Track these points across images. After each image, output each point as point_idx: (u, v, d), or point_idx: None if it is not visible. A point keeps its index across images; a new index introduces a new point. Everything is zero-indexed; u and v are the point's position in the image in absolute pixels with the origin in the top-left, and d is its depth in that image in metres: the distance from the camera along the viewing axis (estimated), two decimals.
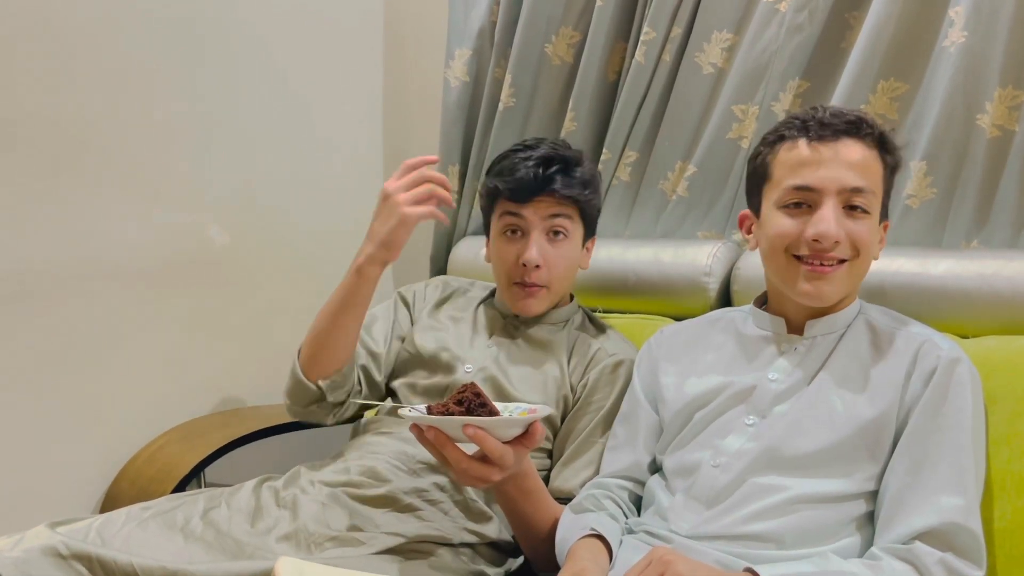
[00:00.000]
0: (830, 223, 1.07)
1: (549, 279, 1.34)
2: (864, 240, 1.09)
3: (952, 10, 1.38)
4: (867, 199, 1.09)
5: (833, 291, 1.11)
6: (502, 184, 1.35)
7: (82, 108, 1.46)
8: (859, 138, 1.10)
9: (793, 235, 1.10)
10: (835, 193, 1.08)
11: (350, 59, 1.99)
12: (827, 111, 1.12)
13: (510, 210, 1.35)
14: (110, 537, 1.09)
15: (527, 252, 1.32)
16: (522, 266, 1.33)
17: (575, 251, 1.38)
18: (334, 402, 1.34)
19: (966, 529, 0.97)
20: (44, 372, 1.45)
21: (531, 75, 1.82)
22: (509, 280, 1.36)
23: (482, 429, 0.97)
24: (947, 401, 1.03)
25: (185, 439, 1.58)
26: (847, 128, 1.10)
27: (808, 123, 1.11)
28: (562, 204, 1.34)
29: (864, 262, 1.12)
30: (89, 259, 1.49)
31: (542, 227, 1.34)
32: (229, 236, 1.73)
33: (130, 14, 1.52)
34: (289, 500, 1.22)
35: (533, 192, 1.32)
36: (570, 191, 1.33)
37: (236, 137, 1.73)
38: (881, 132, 1.12)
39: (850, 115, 1.11)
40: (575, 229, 1.37)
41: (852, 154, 1.09)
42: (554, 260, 1.34)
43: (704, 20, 1.62)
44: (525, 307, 1.36)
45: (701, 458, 1.11)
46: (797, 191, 1.10)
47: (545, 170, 1.32)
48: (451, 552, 1.20)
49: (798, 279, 1.11)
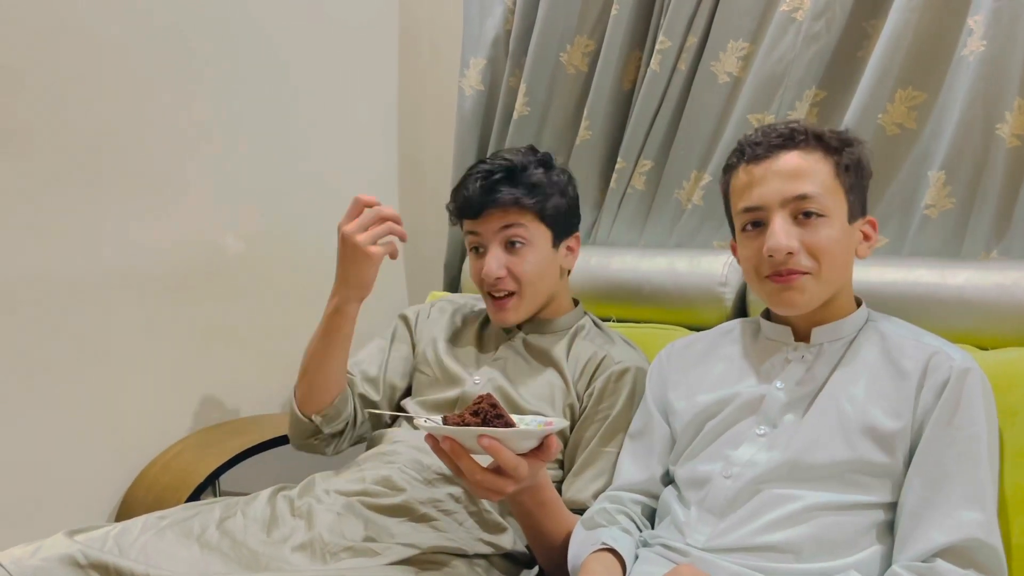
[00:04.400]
0: (779, 236, 1.08)
1: (516, 286, 1.37)
2: (822, 246, 1.09)
3: (971, 19, 1.38)
4: (818, 203, 1.08)
5: (803, 298, 1.10)
6: (452, 205, 1.42)
7: (97, 117, 1.47)
8: (794, 148, 1.11)
9: (755, 257, 1.13)
10: (779, 205, 1.09)
11: (365, 68, 2.00)
12: (760, 131, 1.15)
13: (469, 229, 1.40)
14: (127, 546, 1.10)
15: (487, 267, 1.36)
16: (484, 279, 1.37)
17: (541, 255, 1.38)
18: (330, 433, 1.39)
19: (987, 545, 0.96)
20: (60, 380, 1.46)
21: (546, 84, 1.82)
22: (483, 292, 1.41)
23: (497, 440, 0.97)
24: (959, 412, 1.02)
25: (200, 447, 1.59)
26: (779, 142, 1.12)
27: (744, 148, 1.15)
28: (511, 213, 1.35)
29: (832, 269, 1.10)
30: (105, 267, 1.50)
31: (497, 240, 1.36)
32: (244, 244, 1.74)
33: (145, 23, 1.53)
34: (304, 509, 1.22)
35: (480, 207, 1.36)
36: (514, 195, 1.34)
37: (251, 146, 1.74)
38: (817, 133, 1.12)
39: (782, 128, 1.13)
40: (535, 235, 1.37)
41: (790, 164, 1.10)
42: (517, 267, 1.36)
43: (720, 29, 1.61)
44: (500, 319, 1.40)
45: (713, 470, 1.11)
46: (747, 212, 1.13)
47: (485, 183, 1.35)
48: (466, 564, 1.20)
49: (769, 295, 1.13)
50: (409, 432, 1.36)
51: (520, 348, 1.41)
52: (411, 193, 2.12)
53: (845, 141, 1.13)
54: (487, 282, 1.37)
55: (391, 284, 2.08)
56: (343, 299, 1.31)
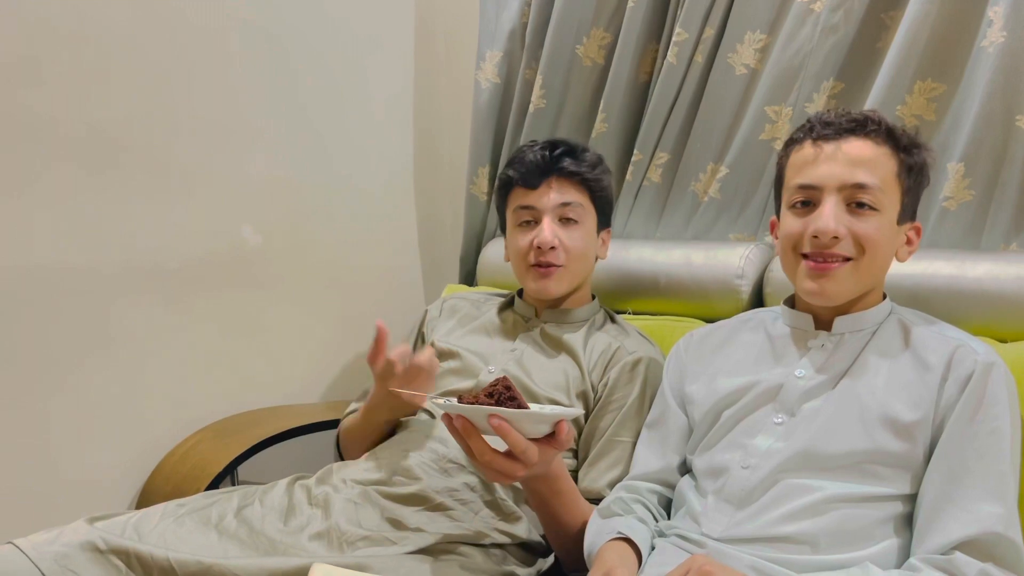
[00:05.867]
0: (828, 219, 1.07)
1: (566, 259, 1.39)
2: (870, 238, 1.08)
3: (991, 10, 1.36)
4: (873, 196, 1.07)
5: (838, 290, 1.10)
6: (513, 172, 1.43)
7: (117, 111, 1.49)
8: (864, 136, 1.09)
9: (798, 233, 1.11)
10: (836, 189, 1.08)
11: (381, 61, 2.01)
12: (833, 111, 1.13)
13: (522, 203, 1.41)
14: (146, 532, 1.11)
15: (541, 235, 1.37)
16: (537, 249, 1.37)
17: (589, 237, 1.42)
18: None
19: (1006, 539, 0.95)
20: (81, 371, 1.48)
21: (562, 77, 1.82)
22: (526, 265, 1.41)
23: (506, 421, 0.97)
24: (983, 407, 1.01)
25: (218, 437, 1.60)
26: (851, 127, 1.09)
27: (813, 125, 1.12)
28: (571, 188, 1.39)
29: (873, 261, 1.09)
30: (125, 260, 1.52)
31: (553, 214, 1.39)
32: (262, 237, 1.75)
33: (164, 18, 1.54)
34: (321, 498, 1.23)
35: (543, 173, 1.39)
36: (578, 169, 1.39)
37: (269, 139, 1.75)
38: (890, 127, 1.10)
39: (857, 114, 1.11)
40: (587, 216, 1.41)
41: (855, 151, 1.08)
42: (568, 241, 1.39)
43: (737, 21, 1.61)
44: (544, 288, 1.40)
45: (731, 459, 1.10)
46: (801, 190, 1.11)
47: (552, 152, 1.40)
48: (482, 552, 1.20)
49: (803, 276, 1.11)
50: (426, 421, 1.37)
51: (538, 337, 1.42)
52: (427, 186, 2.12)
53: (915, 143, 1.12)
54: (542, 250, 1.38)
55: (407, 277, 2.09)
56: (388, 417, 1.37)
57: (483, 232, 1.99)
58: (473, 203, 1.97)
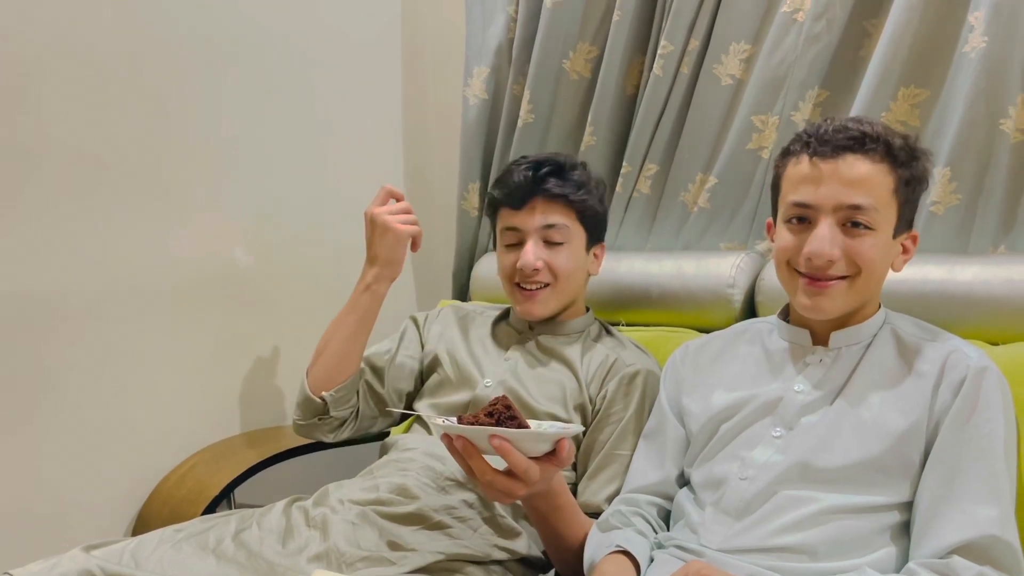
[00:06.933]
0: (823, 242, 1.07)
1: (551, 277, 1.38)
2: (865, 257, 1.08)
3: (972, 15, 1.38)
4: (869, 216, 1.07)
5: (833, 306, 1.10)
6: (498, 192, 1.42)
7: (106, 132, 1.49)
8: (862, 153, 1.07)
9: (793, 250, 1.11)
10: (831, 211, 1.07)
11: (369, 78, 2.01)
12: (832, 125, 1.10)
13: (507, 224, 1.41)
14: (144, 559, 1.10)
15: (524, 258, 1.36)
16: (520, 271, 1.37)
17: (577, 256, 1.40)
18: (336, 417, 1.41)
19: (1003, 541, 0.96)
20: (75, 395, 1.47)
21: (549, 91, 1.83)
22: (512, 285, 1.41)
23: (507, 441, 0.97)
24: (977, 411, 1.02)
25: (215, 460, 1.59)
26: (849, 144, 1.07)
27: (811, 138, 1.10)
28: (556, 209, 1.37)
29: (868, 278, 1.10)
30: (116, 281, 1.51)
31: (537, 236, 1.38)
32: (253, 257, 1.75)
33: (152, 38, 1.55)
34: (319, 520, 1.23)
35: (527, 194, 1.37)
36: (562, 191, 1.37)
37: (258, 158, 1.75)
38: (888, 143, 1.08)
39: (854, 130, 1.08)
40: (573, 236, 1.39)
41: (852, 171, 1.07)
42: (553, 261, 1.38)
43: (721, 32, 1.62)
44: (528, 311, 1.40)
45: (729, 471, 1.11)
46: (796, 207, 1.11)
47: (536, 173, 1.37)
48: (482, 570, 1.20)
49: (798, 292, 1.12)
50: (422, 439, 1.37)
51: (533, 349, 1.42)
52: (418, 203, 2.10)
53: (913, 154, 1.10)
54: (524, 273, 1.37)
55: (401, 293, 2.09)
56: (375, 277, 1.40)
57: (475, 247, 1.99)
58: (464, 218, 1.98)
